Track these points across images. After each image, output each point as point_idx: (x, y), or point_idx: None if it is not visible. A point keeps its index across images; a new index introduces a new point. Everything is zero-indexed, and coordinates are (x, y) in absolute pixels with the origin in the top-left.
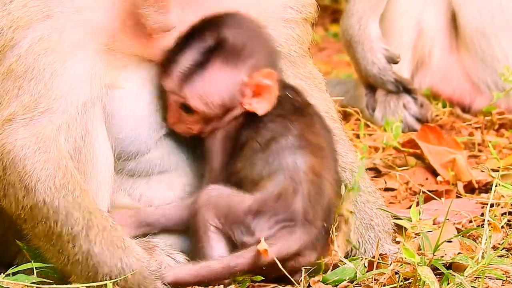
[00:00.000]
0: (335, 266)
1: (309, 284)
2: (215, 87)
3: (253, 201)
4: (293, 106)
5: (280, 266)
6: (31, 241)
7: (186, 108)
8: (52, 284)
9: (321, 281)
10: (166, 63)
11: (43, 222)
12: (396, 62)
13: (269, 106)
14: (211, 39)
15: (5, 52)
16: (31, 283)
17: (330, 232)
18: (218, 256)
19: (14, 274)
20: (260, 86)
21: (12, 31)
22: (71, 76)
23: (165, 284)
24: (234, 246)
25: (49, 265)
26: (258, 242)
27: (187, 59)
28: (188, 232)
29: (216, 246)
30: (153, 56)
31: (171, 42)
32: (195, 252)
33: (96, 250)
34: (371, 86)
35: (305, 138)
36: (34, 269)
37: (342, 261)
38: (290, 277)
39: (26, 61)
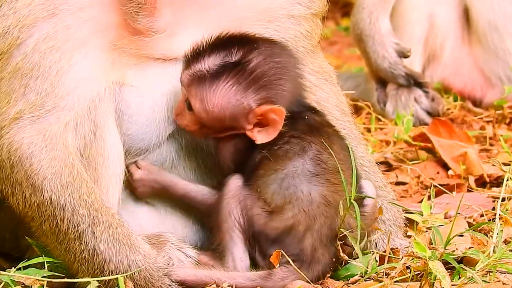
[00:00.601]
0: (346, 261)
1: (320, 280)
2: (218, 99)
3: (267, 224)
4: (309, 126)
5: None
6: (39, 238)
7: (189, 105)
8: (63, 278)
9: (332, 277)
10: (189, 57)
11: (50, 219)
12: (406, 56)
13: (268, 139)
14: (237, 55)
15: (12, 51)
16: (42, 277)
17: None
18: (238, 261)
19: (25, 268)
20: (267, 119)
21: (18, 29)
22: (77, 73)
23: (172, 281)
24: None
25: (58, 260)
26: (267, 266)
27: (208, 63)
28: (200, 223)
29: (236, 240)
30: (157, 54)
31: (173, 42)
32: (212, 240)
33: (102, 247)
34: (382, 80)
35: (322, 162)
36: (45, 263)
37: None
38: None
39: (32, 59)
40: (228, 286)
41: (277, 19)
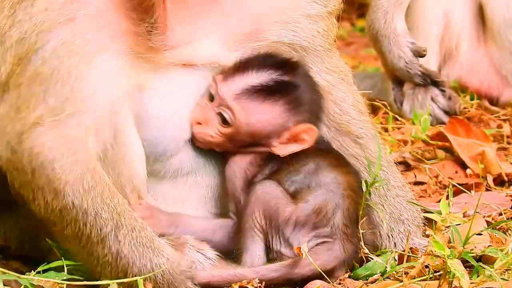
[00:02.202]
0: (366, 260)
1: (339, 280)
2: (267, 115)
3: (294, 210)
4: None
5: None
6: (61, 243)
7: (223, 118)
8: (82, 281)
9: (351, 277)
10: (233, 70)
11: (72, 224)
12: (422, 56)
13: (289, 153)
14: (287, 78)
15: (30, 56)
16: (61, 280)
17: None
18: (255, 257)
19: (44, 271)
20: (298, 137)
21: (36, 35)
22: (97, 77)
23: (195, 284)
24: (269, 251)
25: (78, 263)
26: (294, 255)
27: (258, 78)
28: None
29: (256, 239)
30: (176, 62)
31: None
32: (233, 244)
33: (125, 251)
34: (399, 79)
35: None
36: (65, 266)
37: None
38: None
39: (51, 64)
40: (256, 280)
41: (295, 20)
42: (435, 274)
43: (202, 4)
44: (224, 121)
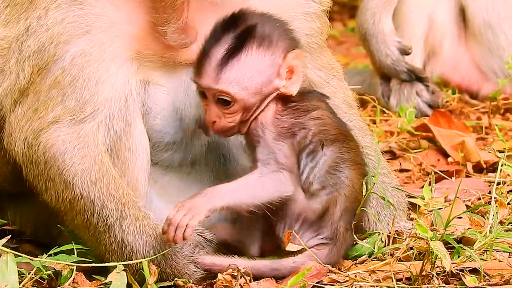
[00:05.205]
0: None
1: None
2: (252, 70)
3: (304, 206)
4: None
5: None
6: (72, 231)
7: (225, 101)
8: (91, 263)
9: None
10: (198, 62)
11: (81, 214)
12: (408, 54)
13: (298, 87)
14: (241, 27)
15: (50, 67)
16: (71, 262)
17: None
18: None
19: (55, 254)
20: (292, 67)
21: (54, 46)
22: (114, 81)
23: (198, 268)
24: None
25: (87, 248)
26: (296, 251)
27: (220, 49)
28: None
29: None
30: (184, 61)
31: (198, 48)
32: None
33: (130, 239)
34: (386, 75)
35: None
36: (75, 249)
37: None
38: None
39: (71, 72)
40: (244, 269)
41: (294, 18)
42: (419, 255)
43: (215, 7)
44: (227, 103)
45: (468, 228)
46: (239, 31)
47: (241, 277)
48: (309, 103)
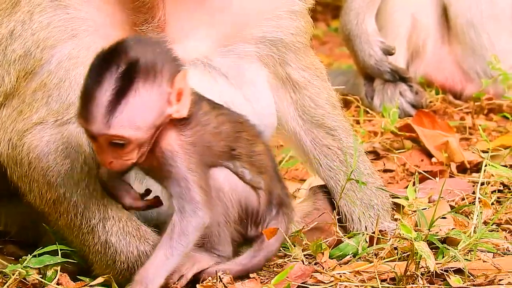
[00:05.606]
0: (339, 242)
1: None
2: (143, 108)
3: (259, 199)
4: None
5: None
6: (58, 232)
7: (118, 144)
8: (76, 265)
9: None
10: (83, 107)
11: (65, 215)
12: (391, 54)
13: (188, 107)
14: (123, 64)
15: (36, 71)
16: (55, 263)
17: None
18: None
19: (40, 255)
20: (180, 90)
21: (40, 51)
22: None
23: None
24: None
25: (72, 248)
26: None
27: (106, 92)
28: None
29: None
30: None
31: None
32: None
33: (113, 240)
34: (370, 76)
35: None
36: (59, 250)
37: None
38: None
39: (58, 75)
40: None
41: (279, 17)
42: (403, 255)
43: (194, 3)
44: (121, 145)
45: (453, 229)
46: (122, 69)
47: (220, 281)
48: (202, 110)
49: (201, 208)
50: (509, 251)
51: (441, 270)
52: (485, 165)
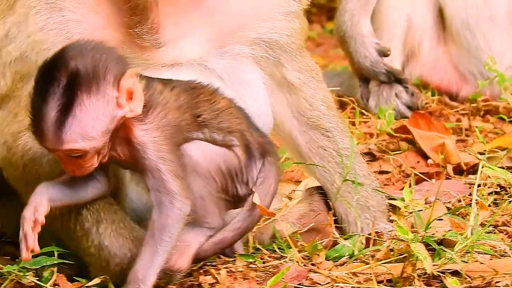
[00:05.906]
0: (335, 243)
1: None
2: (92, 119)
3: (239, 148)
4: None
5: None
6: (53, 234)
7: (76, 156)
8: (72, 266)
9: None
10: (34, 125)
11: (60, 218)
12: (386, 55)
13: (142, 102)
14: (64, 78)
15: (32, 73)
16: (52, 264)
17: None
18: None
19: (36, 256)
20: (129, 89)
21: (36, 54)
22: None
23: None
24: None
25: (68, 250)
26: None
27: (51, 109)
28: None
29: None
30: (164, 62)
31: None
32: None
33: (106, 243)
34: (365, 77)
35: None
36: (55, 251)
37: (340, 239)
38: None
39: None
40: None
41: (274, 18)
42: (399, 257)
43: (189, 4)
44: (79, 156)
45: (449, 230)
46: (63, 83)
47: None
48: (156, 91)
49: (178, 199)
50: (506, 253)
51: (438, 272)
52: (482, 167)
